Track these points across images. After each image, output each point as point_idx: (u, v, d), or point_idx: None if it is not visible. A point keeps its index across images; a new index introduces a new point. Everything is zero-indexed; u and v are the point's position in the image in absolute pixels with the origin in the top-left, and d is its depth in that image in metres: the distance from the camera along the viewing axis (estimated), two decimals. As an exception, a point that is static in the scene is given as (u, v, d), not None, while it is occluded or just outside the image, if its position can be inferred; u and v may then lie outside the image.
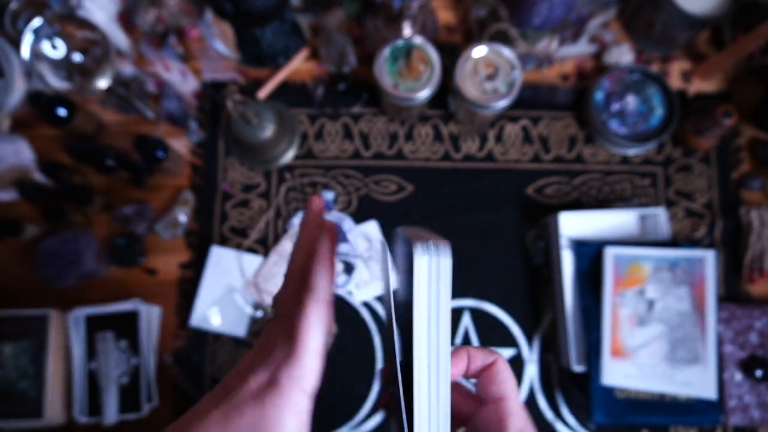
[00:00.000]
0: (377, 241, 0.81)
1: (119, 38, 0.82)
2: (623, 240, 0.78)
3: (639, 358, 0.71)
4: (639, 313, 0.72)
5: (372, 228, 0.81)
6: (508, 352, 0.78)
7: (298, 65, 0.86)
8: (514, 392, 0.32)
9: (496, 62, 0.75)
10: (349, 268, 0.80)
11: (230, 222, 0.81)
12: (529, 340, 0.79)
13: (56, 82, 0.72)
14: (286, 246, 0.80)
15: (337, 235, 0.31)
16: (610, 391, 0.73)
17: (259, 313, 0.78)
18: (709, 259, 0.71)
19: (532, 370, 0.78)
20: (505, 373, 0.32)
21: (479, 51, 0.75)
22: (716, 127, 0.76)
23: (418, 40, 0.75)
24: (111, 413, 0.73)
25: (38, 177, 0.78)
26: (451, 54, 0.84)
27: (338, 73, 0.84)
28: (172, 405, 0.77)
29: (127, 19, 0.85)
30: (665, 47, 0.85)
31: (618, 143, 0.81)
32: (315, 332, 0.28)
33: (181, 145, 0.84)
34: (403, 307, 0.31)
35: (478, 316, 0.79)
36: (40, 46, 0.69)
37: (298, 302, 0.29)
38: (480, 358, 0.34)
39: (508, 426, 0.30)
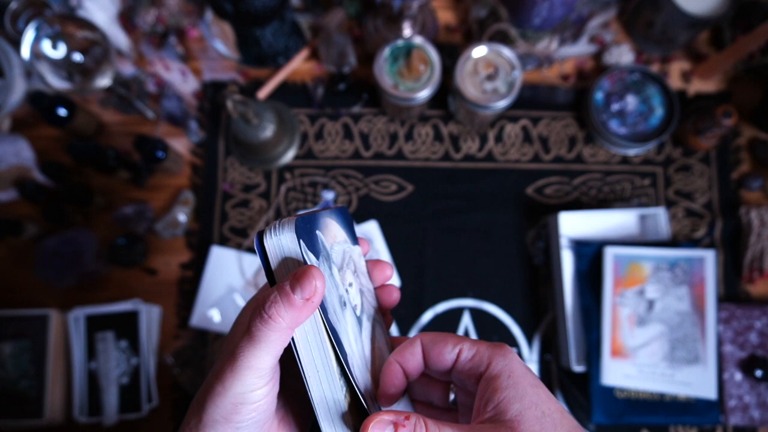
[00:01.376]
0: (377, 242, 0.81)
1: (119, 38, 0.82)
2: (623, 240, 0.78)
3: (639, 358, 0.71)
4: (639, 313, 0.72)
5: (372, 228, 0.81)
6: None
7: (298, 65, 0.86)
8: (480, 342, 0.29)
9: (496, 62, 0.75)
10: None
11: (230, 222, 0.82)
12: (529, 340, 0.79)
13: (56, 82, 0.72)
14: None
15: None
16: (610, 391, 0.73)
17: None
18: (708, 259, 0.71)
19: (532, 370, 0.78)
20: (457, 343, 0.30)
21: (479, 51, 0.75)
22: (716, 127, 0.76)
23: (418, 40, 0.75)
24: (111, 413, 0.73)
25: (38, 177, 0.78)
26: (451, 54, 0.84)
27: (338, 73, 0.84)
28: (171, 405, 0.77)
29: (127, 19, 0.85)
30: (665, 47, 0.85)
31: (618, 143, 0.81)
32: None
33: (181, 145, 0.84)
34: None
35: (478, 316, 0.79)
36: (41, 46, 0.69)
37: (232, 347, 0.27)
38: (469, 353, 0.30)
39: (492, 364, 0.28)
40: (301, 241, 0.28)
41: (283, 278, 0.28)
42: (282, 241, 0.28)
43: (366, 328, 0.33)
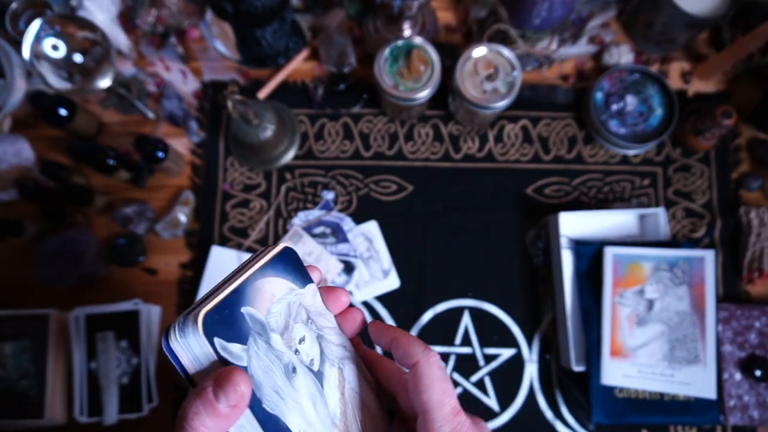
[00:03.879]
0: (377, 242, 0.81)
1: (120, 38, 0.82)
2: (623, 240, 0.78)
3: (638, 358, 0.71)
4: (638, 313, 0.72)
5: (372, 228, 0.81)
6: (508, 352, 0.79)
7: (299, 66, 0.86)
8: (439, 401, 0.28)
9: (495, 62, 0.75)
10: (349, 268, 0.80)
11: (230, 222, 0.82)
12: (529, 340, 0.79)
13: (57, 83, 0.72)
14: (286, 246, 0.80)
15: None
16: (609, 391, 0.73)
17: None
18: (708, 259, 0.71)
19: (532, 370, 0.78)
20: (427, 380, 0.28)
21: (479, 51, 0.75)
22: (716, 127, 0.76)
23: (418, 40, 0.75)
24: (111, 413, 0.73)
25: (39, 177, 0.78)
26: (451, 54, 0.84)
27: (338, 74, 0.84)
28: (172, 405, 0.77)
29: (127, 19, 0.85)
30: (665, 48, 0.85)
31: (617, 143, 0.81)
32: None
33: (181, 145, 0.84)
34: None
35: (478, 316, 0.79)
36: (41, 46, 0.69)
37: None
38: (403, 348, 0.30)
39: None
40: (216, 339, 0.25)
41: (203, 380, 0.25)
42: (191, 344, 0.25)
43: (330, 378, 0.31)
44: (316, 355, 0.30)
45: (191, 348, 0.25)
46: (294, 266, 0.31)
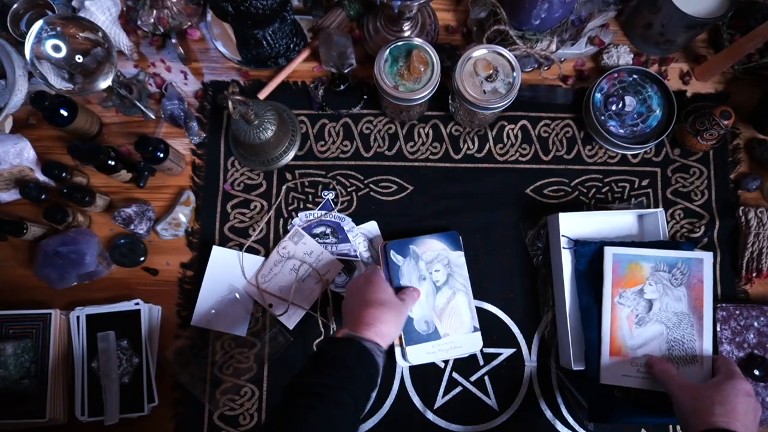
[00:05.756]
0: (377, 241, 0.81)
1: (121, 39, 0.83)
2: (622, 240, 0.78)
3: (638, 358, 0.71)
4: (638, 313, 0.72)
5: (372, 228, 0.81)
6: (507, 352, 0.79)
7: (299, 66, 0.86)
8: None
9: (495, 63, 0.75)
10: (349, 268, 0.81)
11: (231, 222, 0.82)
12: (529, 340, 0.79)
13: (58, 83, 0.72)
14: (286, 246, 0.80)
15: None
16: (609, 391, 0.73)
17: (260, 313, 0.79)
18: (706, 261, 0.72)
19: (531, 370, 0.78)
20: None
21: (479, 52, 0.75)
22: (714, 127, 0.76)
23: (418, 40, 0.75)
24: (112, 412, 0.73)
25: (40, 177, 0.79)
26: (451, 55, 0.84)
27: (338, 74, 0.84)
28: (172, 404, 0.77)
29: (128, 20, 0.85)
30: (663, 49, 0.85)
31: (617, 144, 0.81)
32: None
33: (182, 145, 0.84)
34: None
35: (478, 315, 0.79)
36: (43, 47, 0.69)
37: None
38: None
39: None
40: (391, 251, 0.75)
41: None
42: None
43: (444, 291, 0.76)
44: (442, 280, 0.76)
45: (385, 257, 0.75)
46: (452, 241, 0.78)
